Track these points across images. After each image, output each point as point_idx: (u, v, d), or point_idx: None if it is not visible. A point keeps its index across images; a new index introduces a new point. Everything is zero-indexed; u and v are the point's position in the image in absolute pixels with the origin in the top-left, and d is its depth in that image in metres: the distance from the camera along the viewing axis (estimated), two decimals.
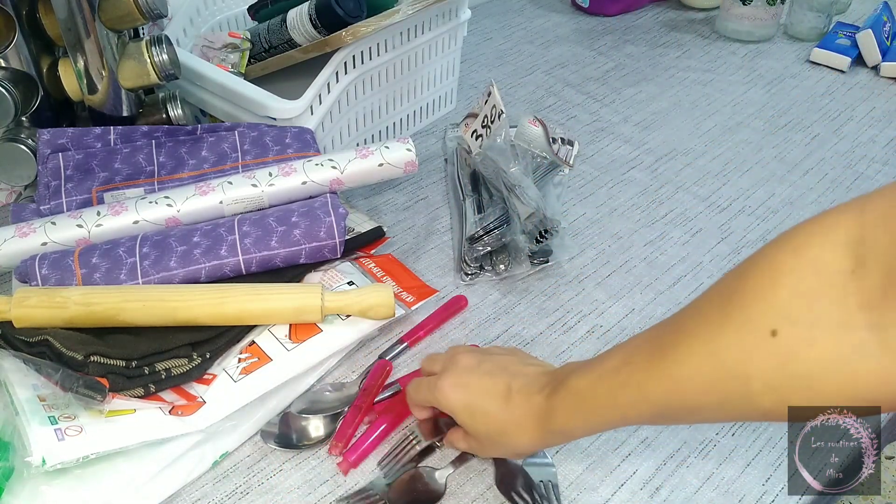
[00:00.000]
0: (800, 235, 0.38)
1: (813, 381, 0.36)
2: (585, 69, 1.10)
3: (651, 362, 0.43)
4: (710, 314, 0.41)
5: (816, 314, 0.35)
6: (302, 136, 0.76)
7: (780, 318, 0.36)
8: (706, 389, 0.40)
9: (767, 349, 0.37)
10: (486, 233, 0.73)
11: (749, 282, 0.39)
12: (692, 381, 0.40)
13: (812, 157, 0.93)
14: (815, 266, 0.36)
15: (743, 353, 0.38)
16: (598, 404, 0.46)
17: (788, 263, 0.37)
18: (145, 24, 0.78)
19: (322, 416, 0.61)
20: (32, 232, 0.67)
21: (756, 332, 0.37)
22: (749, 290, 0.38)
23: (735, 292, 0.39)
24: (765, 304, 0.37)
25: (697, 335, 0.40)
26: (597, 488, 0.57)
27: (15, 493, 0.51)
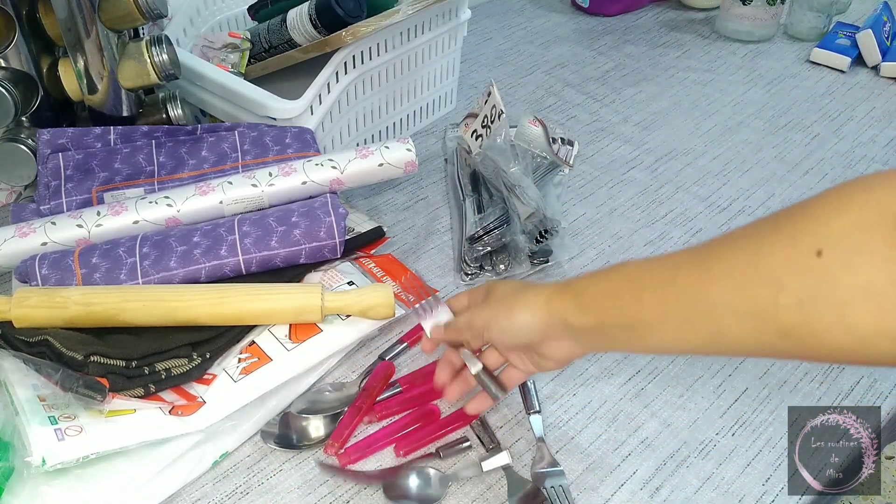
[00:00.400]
0: (875, 178, 0.39)
1: (843, 306, 0.37)
2: (585, 69, 1.10)
3: (693, 257, 0.44)
4: (763, 228, 0.42)
5: (864, 244, 0.36)
6: (302, 136, 0.76)
7: (829, 240, 0.38)
8: (735, 289, 0.41)
9: (808, 265, 0.38)
10: (486, 233, 0.73)
11: (812, 207, 0.40)
12: (724, 279, 0.41)
13: (812, 157, 0.93)
14: (879, 205, 0.37)
15: (783, 263, 0.39)
16: (623, 276, 0.48)
17: (854, 196, 0.38)
18: (145, 24, 0.78)
19: (322, 416, 0.61)
20: (32, 232, 0.67)
21: (802, 247, 0.38)
22: (811, 213, 0.39)
23: (795, 214, 0.40)
24: (818, 226, 0.38)
25: (744, 244, 0.42)
26: (597, 488, 0.57)
27: (15, 493, 0.51)
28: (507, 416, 0.62)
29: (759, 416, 0.63)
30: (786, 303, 0.39)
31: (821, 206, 0.40)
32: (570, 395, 0.64)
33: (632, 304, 0.47)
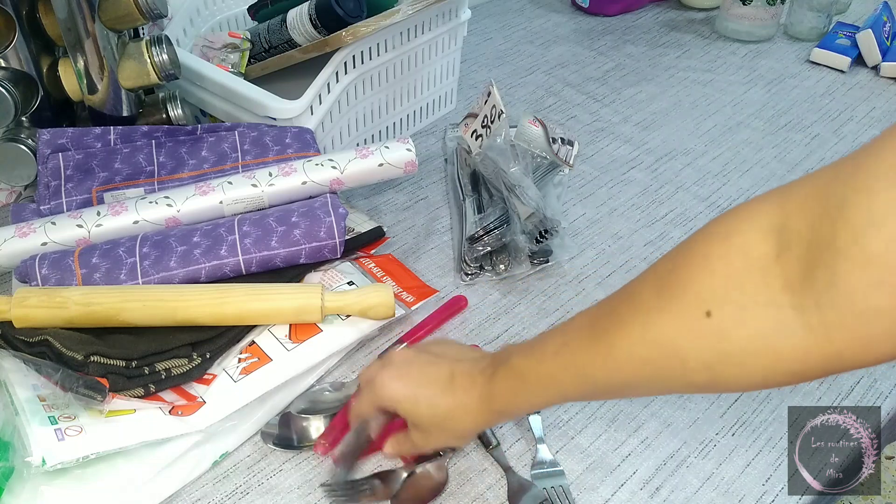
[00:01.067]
0: (728, 223, 0.40)
1: (743, 357, 0.38)
2: (585, 69, 1.10)
3: (589, 346, 0.45)
4: (645, 299, 0.43)
5: (745, 296, 0.38)
6: (302, 136, 0.76)
7: (713, 300, 0.39)
8: (642, 367, 0.42)
9: (702, 330, 0.39)
10: (486, 233, 0.73)
11: (682, 268, 0.41)
12: (629, 362, 0.43)
13: (812, 157, 0.93)
14: (743, 251, 0.38)
15: (679, 334, 0.40)
16: (539, 384, 0.48)
17: (718, 249, 0.39)
18: (145, 24, 0.78)
19: (322, 416, 0.61)
20: (32, 232, 0.67)
21: (691, 314, 0.39)
22: (683, 276, 0.40)
23: (669, 278, 0.41)
24: (699, 288, 0.39)
25: (633, 320, 0.42)
26: (597, 488, 0.57)
27: (15, 493, 0.51)
28: None
29: (759, 416, 0.63)
30: (694, 367, 0.40)
31: (690, 261, 0.41)
32: None
33: (557, 397, 0.50)
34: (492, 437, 0.59)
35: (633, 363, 0.42)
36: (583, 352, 0.45)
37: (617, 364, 0.43)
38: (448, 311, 0.70)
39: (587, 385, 0.46)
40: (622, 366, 0.43)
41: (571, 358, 0.46)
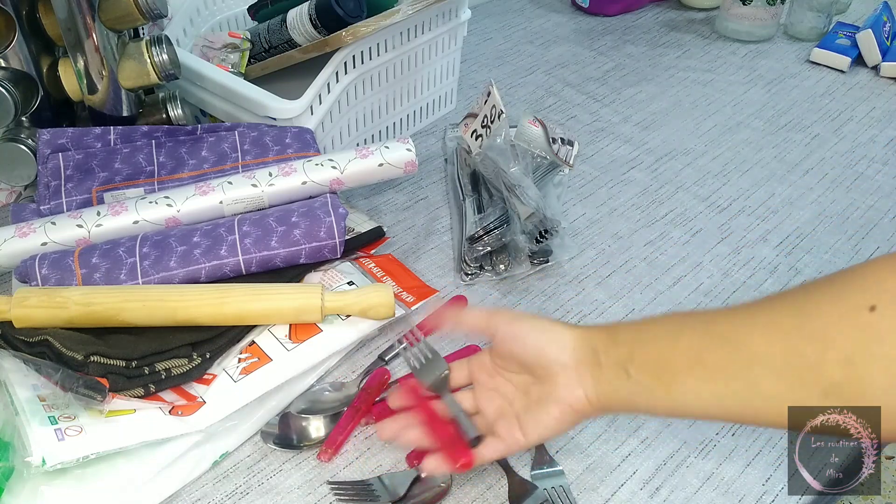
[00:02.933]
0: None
1: (892, 363, 0.36)
2: (585, 69, 1.10)
3: (735, 309, 0.43)
4: (810, 287, 0.41)
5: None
6: (302, 136, 0.76)
7: (883, 296, 0.37)
8: (778, 341, 0.40)
9: (860, 321, 0.37)
10: (486, 233, 0.73)
11: (864, 268, 0.39)
12: (768, 330, 0.40)
13: (812, 157, 0.93)
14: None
15: (833, 318, 0.38)
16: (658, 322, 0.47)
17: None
18: (145, 24, 0.78)
19: (322, 416, 0.61)
20: (32, 232, 0.67)
21: (853, 303, 0.37)
22: (861, 272, 0.39)
23: (844, 274, 0.40)
24: (871, 281, 0.38)
25: (791, 299, 0.40)
26: (597, 488, 0.57)
27: (15, 493, 0.51)
28: None
29: None
30: (834, 357, 0.37)
31: (874, 266, 0.39)
32: None
33: (666, 343, 0.45)
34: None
35: (771, 331, 0.40)
36: (730, 320, 0.43)
37: (753, 326, 0.41)
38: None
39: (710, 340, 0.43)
40: (757, 330, 0.40)
41: (714, 320, 0.44)
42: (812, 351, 0.38)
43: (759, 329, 0.40)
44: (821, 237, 0.81)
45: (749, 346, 0.41)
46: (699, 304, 0.73)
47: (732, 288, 0.75)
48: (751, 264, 0.77)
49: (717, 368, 0.42)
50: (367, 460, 0.59)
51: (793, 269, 0.77)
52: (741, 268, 0.77)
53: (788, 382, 0.40)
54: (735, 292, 0.74)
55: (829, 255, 0.79)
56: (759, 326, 0.41)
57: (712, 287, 0.75)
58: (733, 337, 0.42)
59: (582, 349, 0.48)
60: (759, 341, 0.40)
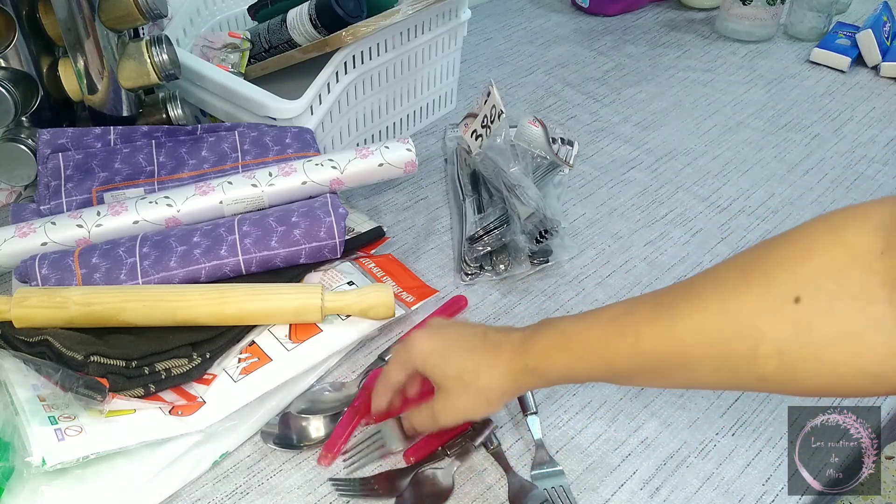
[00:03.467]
0: (837, 216, 0.39)
1: (821, 350, 0.37)
2: (585, 69, 1.10)
3: (654, 314, 0.43)
4: (728, 278, 0.41)
5: (840, 287, 0.37)
6: (302, 136, 0.76)
7: (805, 286, 0.38)
8: (708, 345, 0.41)
9: (786, 314, 0.38)
10: (486, 233, 0.73)
11: (779, 252, 0.40)
12: (695, 336, 0.41)
13: (812, 157, 0.93)
14: (848, 245, 0.37)
15: (759, 314, 0.39)
16: (586, 347, 0.46)
17: (822, 239, 0.39)
18: (145, 24, 0.78)
19: (322, 416, 0.61)
20: (32, 232, 0.67)
21: (778, 296, 0.38)
22: (779, 258, 0.39)
23: (762, 260, 0.40)
24: (793, 273, 0.38)
25: (711, 295, 0.41)
26: (597, 488, 0.57)
27: (15, 493, 0.51)
28: (506, 418, 0.62)
29: (759, 416, 0.63)
30: (765, 352, 0.39)
31: (788, 249, 0.40)
32: (570, 394, 0.64)
33: (600, 367, 0.46)
34: (493, 438, 0.59)
35: (698, 339, 0.41)
36: (644, 321, 0.43)
37: (679, 337, 0.41)
38: (447, 311, 0.70)
39: (639, 358, 0.44)
40: (685, 340, 0.41)
41: (630, 325, 0.44)
42: (744, 348, 0.39)
43: (687, 336, 0.41)
44: None
45: (682, 355, 0.42)
46: None
47: None
48: None
49: (656, 375, 0.45)
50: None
51: None
52: None
53: (724, 375, 0.42)
54: None
55: None
56: (686, 333, 0.41)
57: None
58: (663, 352, 0.43)
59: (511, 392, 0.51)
60: (690, 348, 0.41)
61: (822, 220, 0.40)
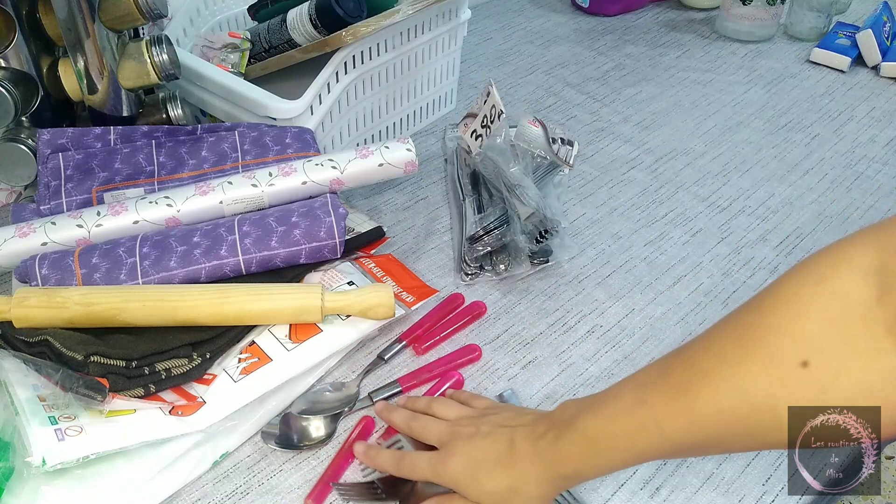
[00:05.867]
0: (818, 267, 0.38)
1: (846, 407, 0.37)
2: (585, 69, 1.10)
3: (669, 401, 0.42)
4: (727, 350, 0.40)
5: (845, 343, 0.36)
6: (302, 136, 0.76)
7: (809, 349, 0.37)
8: (730, 424, 0.40)
9: (798, 381, 0.37)
10: (486, 233, 0.73)
11: (770, 316, 0.39)
12: (715, 417, 0.40)
13: (812, 157, 0.93)
14: (839, 296, 0.36)
15: (771, 386, 0.38)
16: (613, 446, 0.45)
17: (811, 295, 0.37)
18: (145, 24, 0.78)
19: (322, 416, 0.61)
20: (32, 232, 0.67)
21: (785, 364, 0.37)
22: (772, 323, 0.38)
23: (755, 327, 0.39)
24: (791, 337, 0.37)
25: (716, 371, 0.40)
26: (597, 488, 0.57)
27: (15, 493, 0.51)
28: None
29: None
30: (785, 414, 0.38)
31: (779, 311, 0.39)
32: (570, 394, 0.64)
33: (631, 459, 0.46)
34: None
35: (719, 419, 0.40)
36: (661, 408, 0.42)
37: (700, 421, 0.41)
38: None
39: (667, 444, 0.43)
40: (706, 422, 0.40)
41: (649, 415, 0.43)
42: (767, 420, 0.39)
43: (708, 415, 0.41)
44: (821, 237, 0.81)
45: (707, 434, 0.41)
46: (699, 303, 0.73)
47: (732, 288, 0.75)
48: (751, 264, 0.77)
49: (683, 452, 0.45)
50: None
51: None
52: (741, 268, 0.77)
53: (756, 443, 0.42)
54: (735, 292, 0.74)
55: None
56: (707, 414, 0.41)
57: (712, 287, 0.75)
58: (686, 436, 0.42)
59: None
60: (715, 428, 0.41)
61: (804, 272, 0.39)
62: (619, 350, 0.68)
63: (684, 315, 0.72)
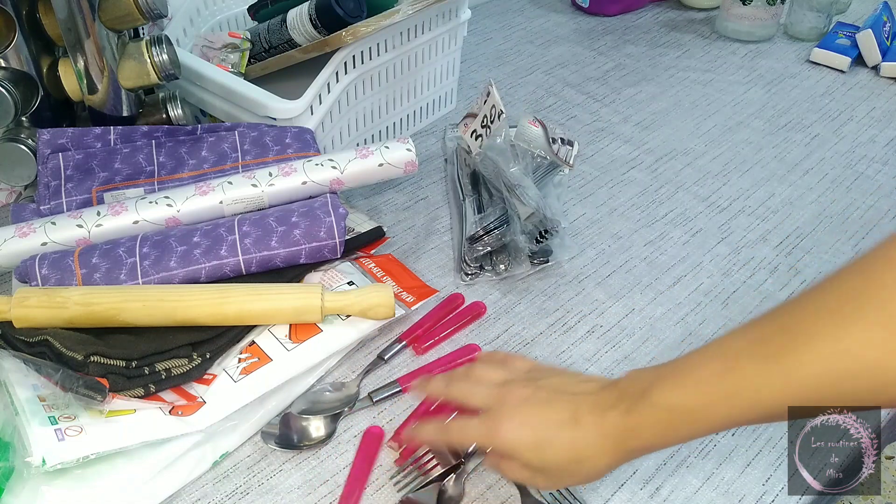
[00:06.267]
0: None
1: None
2: (585, 69, 1.10)
3: (765, 366, 0.41)
4: (833, 312, 0.40)
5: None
6: (302, 136, 0.76)
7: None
8: (835, 386, 0.40)
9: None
10: (486, 233, 0.73)
11: (877, 277, 0.39)
12: (817, 381, 0.40)
13: (812, 157, 0.93)
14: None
15: (883, 347, 0.38)
16: (697, 417, 0.44)
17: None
18: (145, 24, 0.78)
19: (322, 416, 0.61)
20: (32, 232, 0.67)
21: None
22: (881, 284, 0.38)
23: (865, 287, 0.39)
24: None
25: (820, 334, 0.40)
26: (597, 488, 0.57)
27: (15, 493, 0.51)
28: None
29: None
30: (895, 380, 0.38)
31: (883, 272, 0.39)
32: None
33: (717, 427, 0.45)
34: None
35: (824, 381, 0.40)
36: (756, 374, 0.41)
37: (802, 385, 0.40)
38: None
39: (761, 411, 0.42)
40: (809, 386, 0.40)
41: (741, 383, 0.42)
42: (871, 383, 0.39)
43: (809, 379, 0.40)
44: (821, 237, 0.81)
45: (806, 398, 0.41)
46: (699, 303, 0.73)
47: (732, 288, 0.75)
48: (751, 264, 0.77)
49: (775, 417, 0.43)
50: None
51: (793, 269, 0.77)
52: (741, 268, 0.77)
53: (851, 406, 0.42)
54: (735, 292, 0.74)
55: (829, 255, 0.79)
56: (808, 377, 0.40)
57: (712, 287, 0.75)
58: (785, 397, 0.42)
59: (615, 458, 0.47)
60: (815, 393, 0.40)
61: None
62: (619, 350, 0.68)
63: (684, 315, 0.72)
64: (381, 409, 0.63)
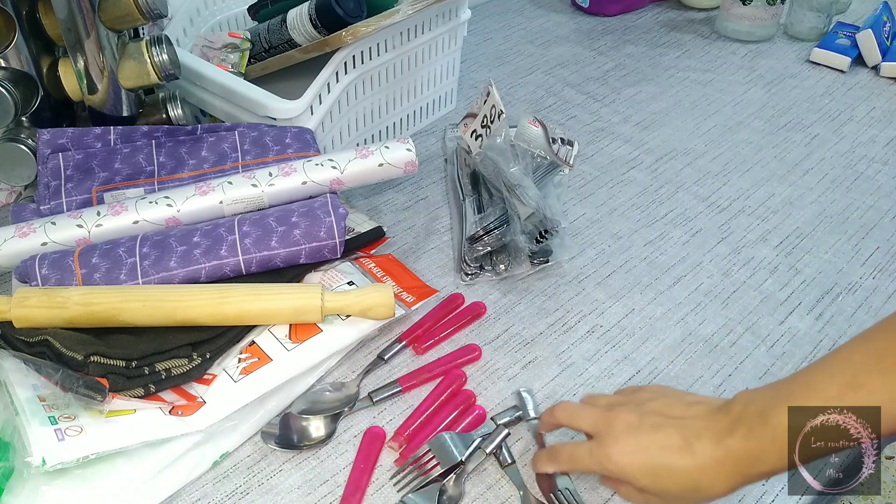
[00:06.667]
0: None
1: None
2: (585, 69, 1.10)
3: (892, 379, 0.41)
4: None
5: None
6: (302, 136, 0.76)
7: None
8: None
9: None
10: (486, 233, 0.73)
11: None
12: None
13: (812, 157, 0.93)
14: None
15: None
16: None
17: None
18: (145, 24, 0.78)
19: (322, 416, 0.61)
20: (32, 232, 0.67)
21: None
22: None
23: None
24: None
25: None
26: (597, 488, 0.57)
27: (15, 493, 0.51)
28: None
29: None
30: None
31: None
32: (570, 395, 0.64)
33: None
34: (507, 456, 0.58)
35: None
36: (883, 391, 0.41)
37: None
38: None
39: (889, 423, 0.42)
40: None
41: (867, 399, 0.41)
42: None
43: None
44: (821, 237, 0.81)
45: None
46: (699, 303, 0.73)
47: (732, 288, 0.75)
48: (751, 264, 0.77)
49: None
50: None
51: (793, 269, 0.77)
52: (741, 268, 0.77)
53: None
54: (735, 292, 0.74)
55: (829, 255, 0.79)
56: None
57: (712, 287, 0.75)
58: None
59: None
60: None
61: None
62: (619, 350, 0.68)
63: (684, 315, 0.72)
64: (381, 409, 0.63)
